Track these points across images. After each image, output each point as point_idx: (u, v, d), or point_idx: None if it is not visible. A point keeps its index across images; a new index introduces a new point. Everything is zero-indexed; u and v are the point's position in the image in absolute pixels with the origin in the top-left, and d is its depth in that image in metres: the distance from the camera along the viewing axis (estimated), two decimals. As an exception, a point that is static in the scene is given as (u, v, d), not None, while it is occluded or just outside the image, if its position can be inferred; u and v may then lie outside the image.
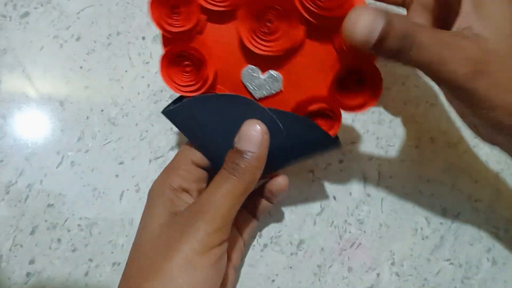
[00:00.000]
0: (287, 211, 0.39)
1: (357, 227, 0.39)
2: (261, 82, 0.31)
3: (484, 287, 0.39)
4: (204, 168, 0.32)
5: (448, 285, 0.39)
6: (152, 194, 0.30)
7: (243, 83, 0.31)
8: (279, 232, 0.38)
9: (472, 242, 0.40)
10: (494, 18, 0.24)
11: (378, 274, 0.39)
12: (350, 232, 0.39)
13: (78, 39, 0.40)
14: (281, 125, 0.30)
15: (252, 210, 0.34)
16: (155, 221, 0.29)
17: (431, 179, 0.41)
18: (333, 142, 0.32)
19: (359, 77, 0.30)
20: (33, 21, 0.38)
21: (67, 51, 0.39)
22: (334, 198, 0.40)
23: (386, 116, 0.41)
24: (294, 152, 0.32)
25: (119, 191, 0.37)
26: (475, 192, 0.41)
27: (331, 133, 0.31)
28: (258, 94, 0.31)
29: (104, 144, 0.37)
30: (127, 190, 0.37)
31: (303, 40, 0.30)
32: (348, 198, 0.40)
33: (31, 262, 0.35)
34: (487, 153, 0.42)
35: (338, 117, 0.31)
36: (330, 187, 0.40)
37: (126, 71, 0.40)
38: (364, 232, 0.39)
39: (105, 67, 0.39)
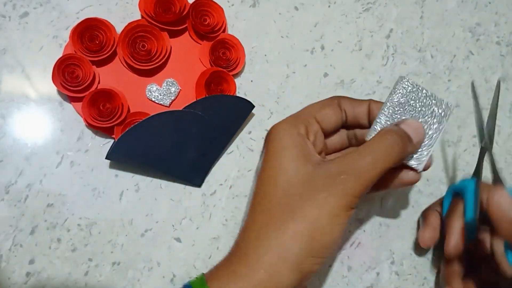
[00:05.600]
0: (287, 211, 0.39)
1: (357, 226, 0.39)
2: (162, 92, 0.37)
3: (483, 286, 0.39)
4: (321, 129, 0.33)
5: (448, 284, 0.39)
6: (280, 136, 0.30)
7: (150, 100, 0.37)
8: (278, 231, 0.38)
9: (471, 241, 0.40)
10: None
11: (377, 273, 0.39)
12: (349, 231, 0.39)
13: (77, 39, 0.39)
14: (201, 113, 0.36)
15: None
16: (291, 165, 0.29)
17: (430, 178, 0.41)
18: (249, 104, 0.37)
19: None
20: (33, 21, 0.38)
21: (67, 51, 0.39)
22: (334, 197, 0.40)
23: (386, 115, 0.41)
24: (228, 126, 0.37)
25: (118, 191, 0.37)
26: (474, 191, 0.41)
27: (233, 93, 0.38)
28: (166, 101, 0.37)
29: (103, 144, 0.37)
30: (127, 189, 0.37)
31: (170, 44, 0.37)
32: (347, 197, 0.40)
33: (31, 262, 0.35)
34: (486, 152, 0.42)
35: (231, 80, 0.38)
36: (329, 187, 0.40)
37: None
38: (364, 231, 0.39)
39: (105, 67, 0.39)
